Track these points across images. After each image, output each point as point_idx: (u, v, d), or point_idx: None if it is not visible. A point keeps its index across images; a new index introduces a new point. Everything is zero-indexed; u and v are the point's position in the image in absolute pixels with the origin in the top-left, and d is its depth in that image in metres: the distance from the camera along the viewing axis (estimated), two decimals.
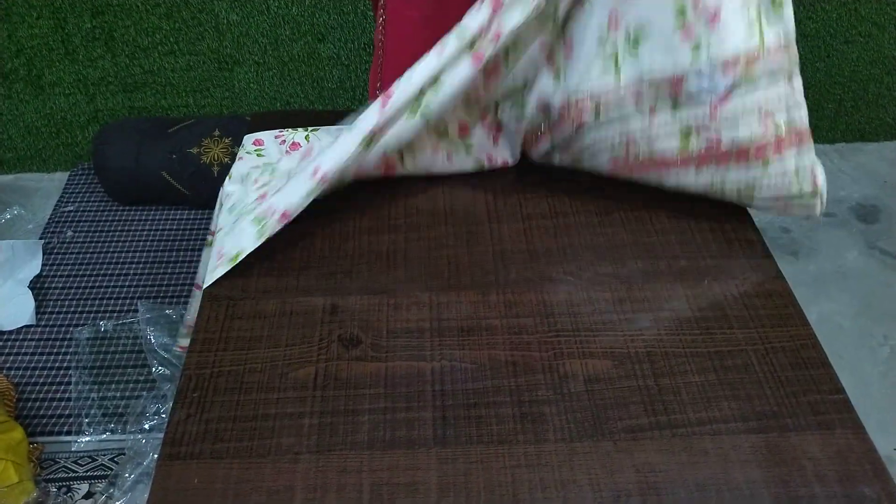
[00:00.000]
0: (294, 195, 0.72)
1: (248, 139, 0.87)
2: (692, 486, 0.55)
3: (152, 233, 1.80)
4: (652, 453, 0.57)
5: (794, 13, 0.66)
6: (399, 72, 0.95)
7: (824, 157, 2.05)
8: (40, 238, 1.78)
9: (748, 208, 0.78)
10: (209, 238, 0.85)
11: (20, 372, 1.49)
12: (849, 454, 0.57)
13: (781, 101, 0.67)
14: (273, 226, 0.71)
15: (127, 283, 1.67)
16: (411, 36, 0.90)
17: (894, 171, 2.01)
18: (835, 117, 2.05)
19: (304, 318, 0.69)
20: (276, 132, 0.86)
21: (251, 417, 0.60)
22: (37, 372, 1.49)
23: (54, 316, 1.61)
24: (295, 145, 0.84)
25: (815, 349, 0.65)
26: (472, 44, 0.69)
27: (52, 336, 1.56)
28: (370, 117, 0.71)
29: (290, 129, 0.87)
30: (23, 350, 1.54)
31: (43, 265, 1.67)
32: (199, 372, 0.64)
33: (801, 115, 0.68)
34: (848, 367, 1.49)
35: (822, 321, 1.59)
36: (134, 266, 1.72)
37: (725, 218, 0.78)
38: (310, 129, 0.86)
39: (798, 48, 0.66)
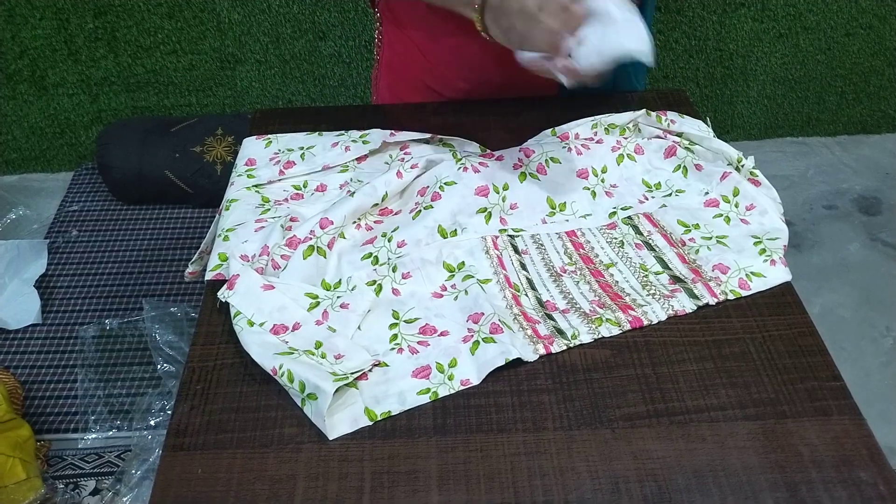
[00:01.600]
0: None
1: (241, 157, 0.85)
2: (689, 472, 0.56)
3: (156, 231, 1.81)
4: (650, 440, 0.58)
5: (797, 5, 0.66)
6: (397, 78, 0.96)
7: (826, 149, 2.05)
8: (45, 237, 1.79)
9: None
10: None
11: (27, 370, 1.50)
12: (845, 440, 0.58)
13: None
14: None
15: (132, 282, 1.68)
16: (407, 52, 0.91)
17: None
18: (836, 110, 2.05)
19: None
20: (271, 153, 0.84)
21: (254, 408, 0.61)
22: (43, 370, 1.51)
23: (60, 315, 1.62)
24: (289, 164, 0.83)
25: (813, 337, 0.65)
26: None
27: (58, 334, 1.58)
28: None
29: (285, 145, 0.85)
30: (29, 349, 1.55)
31: (48, 264, 1.68)
32: (202, 364, 0.64)
33: None
34: (850, 358, 1.49)
35: (825, 313, 1.59)
36: (138, 264, 1.73)
37: None
38: (305, 147, 0.85)
39: (799, 41, 0.65)
